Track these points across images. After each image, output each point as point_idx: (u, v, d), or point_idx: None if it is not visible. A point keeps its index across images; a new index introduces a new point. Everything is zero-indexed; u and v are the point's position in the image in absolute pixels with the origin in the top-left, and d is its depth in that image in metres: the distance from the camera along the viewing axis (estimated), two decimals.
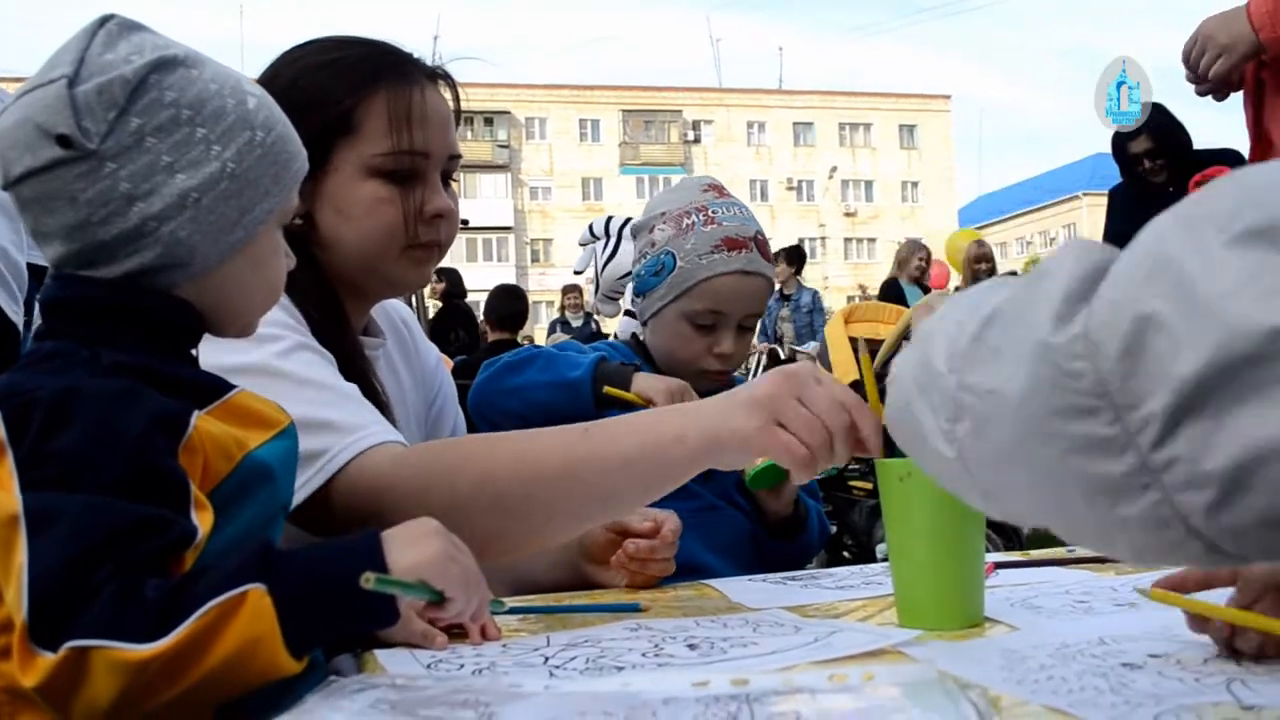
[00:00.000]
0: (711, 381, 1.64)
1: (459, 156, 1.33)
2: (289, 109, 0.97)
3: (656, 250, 1.63)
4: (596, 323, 9.13)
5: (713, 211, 1.63)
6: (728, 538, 1.57)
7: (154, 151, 0.86)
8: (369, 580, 0.76)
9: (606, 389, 1.50)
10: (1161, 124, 4.58)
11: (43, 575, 0.72)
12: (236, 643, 0.73)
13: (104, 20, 0.89)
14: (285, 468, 0.95)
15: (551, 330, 8.75)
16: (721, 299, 1.59)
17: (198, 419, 0.84)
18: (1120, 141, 4.64)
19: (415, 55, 1.33)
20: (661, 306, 1.63)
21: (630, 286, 1.70)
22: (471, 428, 1.59)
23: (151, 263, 0.87)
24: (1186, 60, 1.88)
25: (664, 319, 1.63)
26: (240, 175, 0.89)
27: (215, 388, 0.90)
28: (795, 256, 8.44)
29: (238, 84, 0.92)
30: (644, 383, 1.51)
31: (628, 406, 1.46)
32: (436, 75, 1.33)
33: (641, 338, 1.73)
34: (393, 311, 1.51)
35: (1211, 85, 1.84)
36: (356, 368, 1.25)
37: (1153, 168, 4.55)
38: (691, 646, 0.92)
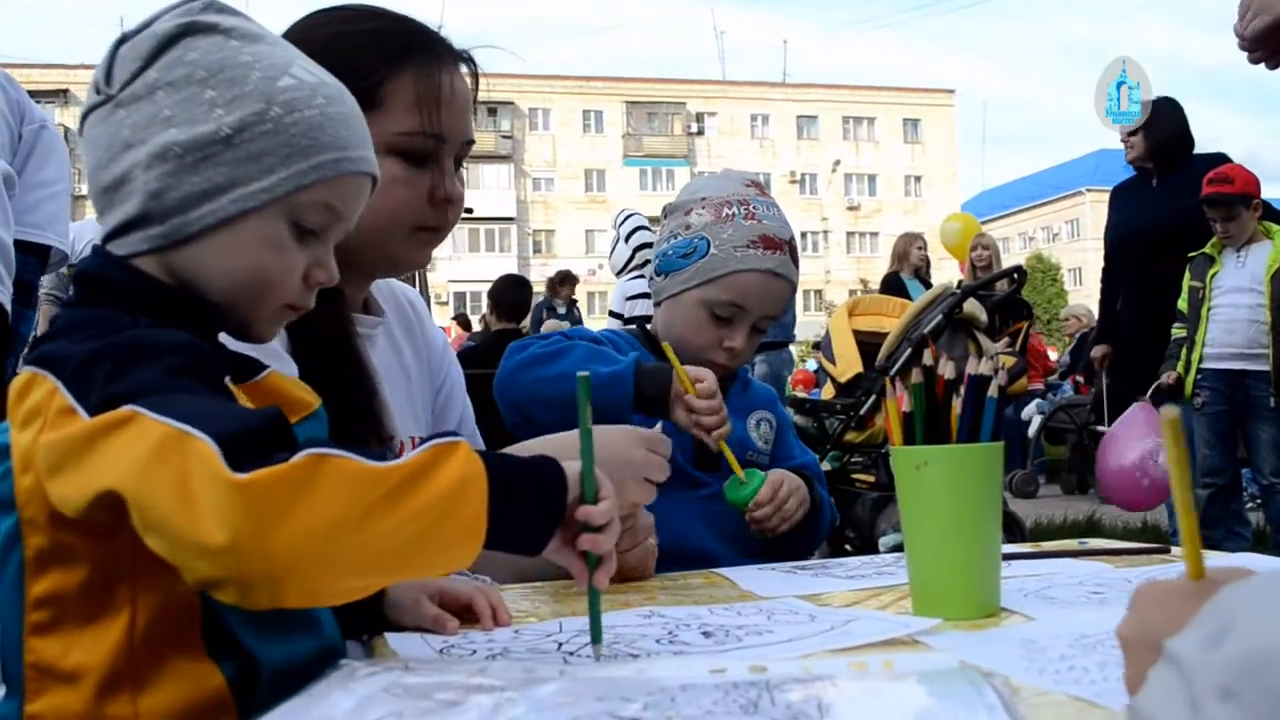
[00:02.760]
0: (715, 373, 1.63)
1: (473, 142, 1.32)
2: (328, 63, 0.94)
3: (691, 233, 1.61)
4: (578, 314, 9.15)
5: (754, 207, 1.62)
6: (733, 525, 1.56)
7: (159, 104, 0.85)
8: (584, 378, 0.85)
9: (664, 345, 1.48)
10: (1158, 106, 4.64)
11: (212, 418, 0.69)
12: (454, 477, 0.72)
13: None
14: None
15: (537, 313, 8.64)
16: (746, 294, 1.58)
17: (228, 381, 0.82)
18: None
19: (444, 35, 1.31)
20: (683, 290, 1.61)
21: (652, 265, 1.68)
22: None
23: (131, 215, 0.85)
24: (1241, 22, 1.85)
25: (682, 302, 1.61)
26: (238, 144, 0.85)
27: (248, 366, 0.87)
28: None
29: (283, 65, 0.88)
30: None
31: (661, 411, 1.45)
32: (461, 58, 1.31)
33: (650, 327, 1.72)
34: (399, 292, 1.49)
35: (1250, 45, 1.80)
36: (347, 346, 1.24)
37: (1127, 140, 4.64)
38: (706, 634, 0.91)
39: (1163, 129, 4.61)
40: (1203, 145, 4.71)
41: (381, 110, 1.21)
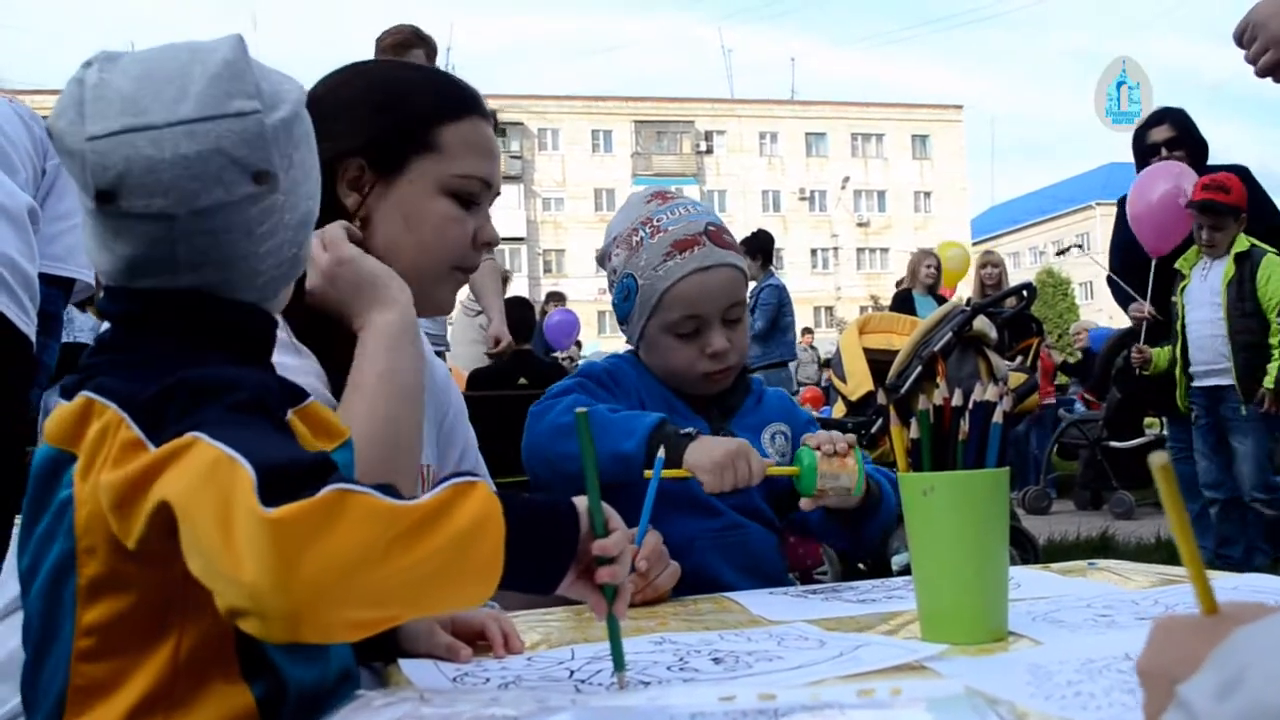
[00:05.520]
0: (715, 383, 1.61)
1: (500, 193, 1.41)
2: (382, 98, 1.24)
3: (619, 276, 1.63)
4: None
5: (657, 220, 1.62)
6: (752, 556, 1.55)
7: (300, 181, 0.89)
8: (582, 414, 0.87)
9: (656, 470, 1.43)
10: (1183, 119, 4.60)
11: (261, 450, 0.70)
12: (471, 516, 0.73)
13: (240, 41, 0.86)
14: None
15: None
16: (691, 302, 1.57)
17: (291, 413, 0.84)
18: (1141, 131, 4.66)
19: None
20: (642, 327, 1.61)
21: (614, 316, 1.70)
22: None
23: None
24: (1238, 41, 1.85)
25: (649, 338, 1.62)
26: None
27: (295, 393, 0.88)
28: (754, 245, 6.96)
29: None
30: (696, 453, 1.41)
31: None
32: (489, 114, 1.41)
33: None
34: None
35: (1260, 72, 1.81)
36: None
37: (1169, 159, 4.55)
38: (716, 660, 0.92)
39: (1195, 140, 4.58)
40: (1210, 157, 4.70)
41: (441, 154, 1.30)
